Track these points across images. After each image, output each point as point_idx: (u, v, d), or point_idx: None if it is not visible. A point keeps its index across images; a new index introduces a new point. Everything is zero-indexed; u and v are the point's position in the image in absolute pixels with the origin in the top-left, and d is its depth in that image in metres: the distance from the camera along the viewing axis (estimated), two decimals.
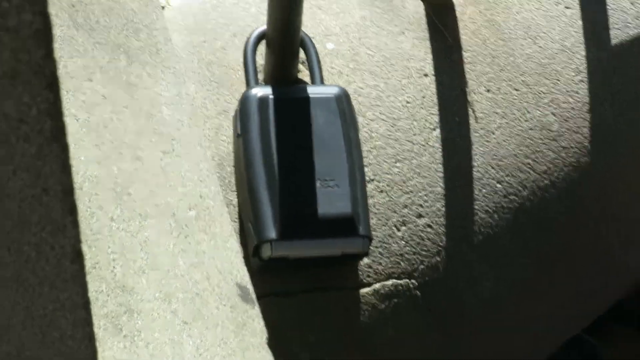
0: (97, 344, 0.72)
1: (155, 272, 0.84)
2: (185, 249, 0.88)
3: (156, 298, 0.83)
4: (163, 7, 1.57)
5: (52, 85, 0.54)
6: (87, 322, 0.64)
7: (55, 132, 0.55)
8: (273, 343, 0.92)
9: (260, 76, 1.14)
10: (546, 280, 1.22)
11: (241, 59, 1.14)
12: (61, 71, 0.88)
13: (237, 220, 1.07)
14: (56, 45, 0.86)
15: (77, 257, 0.60)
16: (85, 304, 0.62)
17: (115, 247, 0.82)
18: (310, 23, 1.20)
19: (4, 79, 0.54)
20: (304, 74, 1.16)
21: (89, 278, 0.78)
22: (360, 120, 1.15)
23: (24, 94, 0.54)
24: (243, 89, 1.12)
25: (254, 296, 0.92)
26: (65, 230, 0.59)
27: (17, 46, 0.52)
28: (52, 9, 0.90)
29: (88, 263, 0.79)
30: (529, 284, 1.21)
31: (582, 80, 1.26)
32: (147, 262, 0.84)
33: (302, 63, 1.16)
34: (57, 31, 0.89)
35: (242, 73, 1.14)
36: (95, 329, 0.70)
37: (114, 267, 0.81)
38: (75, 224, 0.59)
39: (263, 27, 1.13)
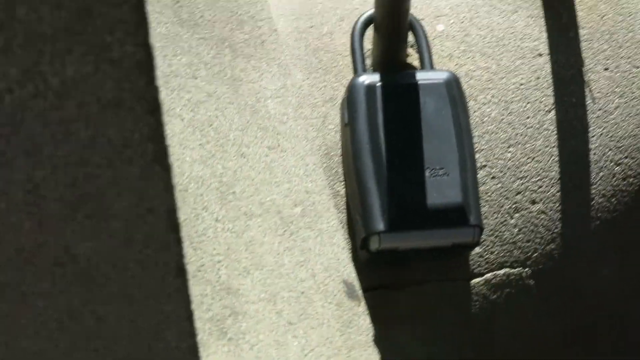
0: (202, 349, 0.72)
1: (260, 272, 0.84)
2: (290, 247, 0.87)
3: (261, 299, 0.82)
4: None
5: (154, 110, 0.54)
6: (191, 333, 0.65)
7: (158, 155, 0.56)
8: (382, 336, 0.91)
9: (369, 61, 1.12)
10: None
11: (349, 44, 1.12)
12: (166, 70, 0.88)
13: (345, 211, 1.06)
14: (160, 43, 0.87)
15: (181, 271, 0.60)
16: (189, 316, 0.63)
17: (220, 249, 0.82)
18: (419, 4, 1.17)
19: (108, 108, 0.54)
20: (413, 58, 1.13)
21: (194, 282, 0.78)
22: (471, 104, 1.12)
23: (127, 120, 0.55)
24: (351, 75, 1.10)
25: (360, 292, 0.91)
26: (169, 247, 0.59)
27: (120, 76, 0.53)
28: (156, 7, 0.90)
29: (193, 266, 0.79)
30: None
31: None
32: (251, 262, 0.84)
33: (412, 47, 1.13)
34: (162, 29, 0.89)
35: (349, 59, 1.12)
36: (200, 334, 0.70)
37: (218, 269, 0.81)
38: (178, 241, 0.59)
39: (371, 10, 1.10)
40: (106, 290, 0.60)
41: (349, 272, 0.90)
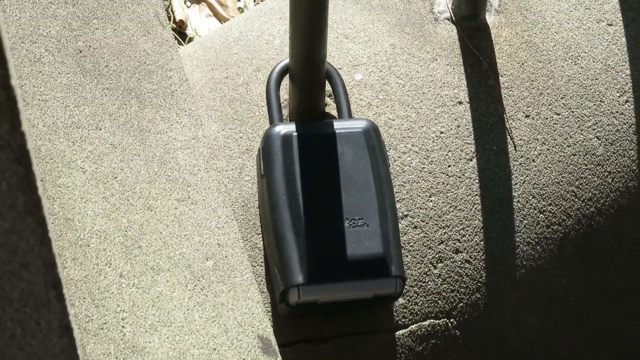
0: None
1: (169, 329, 0.80)
2: (201, 302, 0.84)
3: (169, 357, 0.79)
4: (191, 38, 1.54)
5: (22, 158, 0.51)
6: None
7: (29, 206, 0.52)
8: None
9: (286, 112, 1.10)
10: (596, 316, 1.16)
11: (265, 95, 1.10)
12: (67, 121, 0.84)
13: (263, 264, 1.03)
14: (61, 94, 0.83)
15: (65, 331, 0.56)
16: None
17: (125, 305, 0.78)
18: (337, 53, 1.16)
19: None
20: (331, 107, 1.11)
21: (95, 340, 0.74)
22: (391, 153, 1.11)
23: None
24: (267, 126, 1.08)
25: (276, 347, 0.87)
26: (49, 305, 0.56)
27: None
28: (57, 56, 0.87)
29: (95, 324, 0.76)
30: (577, 321, 1.15)
31: (627, 101, 1.20)
32: (159, 318, 0.80)
33: (330, 96, 1.12)
34: (63, 79, 0.86)
35: (266, 109, 1.10)
36: None
37: (123, 327, 0.77)
38: (60, 298, 0.55)
39: (286, 60, 1.09)
40: None
41: (265, 326, 0.87)
